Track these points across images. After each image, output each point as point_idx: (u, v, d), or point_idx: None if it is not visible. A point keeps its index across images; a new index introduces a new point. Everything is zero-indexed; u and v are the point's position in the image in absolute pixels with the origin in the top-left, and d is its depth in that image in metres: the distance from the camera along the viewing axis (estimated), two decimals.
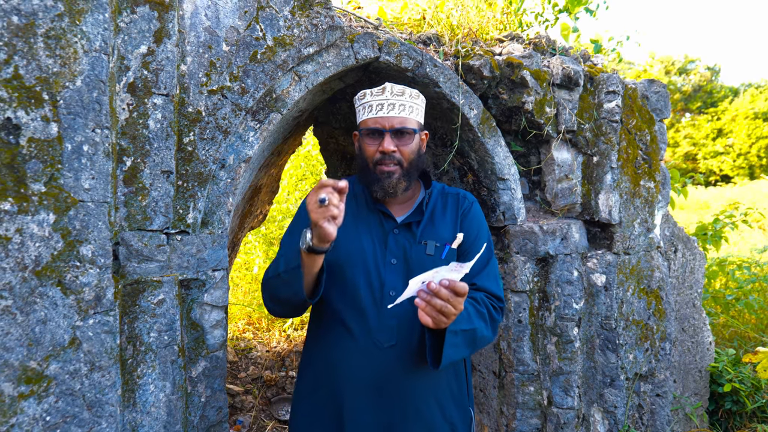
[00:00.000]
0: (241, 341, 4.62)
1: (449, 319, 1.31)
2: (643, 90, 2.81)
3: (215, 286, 1.76)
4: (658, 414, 2.75)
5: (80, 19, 1.45)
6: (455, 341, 1.41)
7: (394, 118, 1.58)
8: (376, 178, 1.59)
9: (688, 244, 3.04)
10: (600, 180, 2.61)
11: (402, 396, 1.52)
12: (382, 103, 1.59)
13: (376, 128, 1.58)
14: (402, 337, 1.53)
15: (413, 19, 2.80)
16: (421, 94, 1.68)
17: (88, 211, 1.48)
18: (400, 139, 1.59)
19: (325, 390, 1.57)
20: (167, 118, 1.64)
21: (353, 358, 1.53)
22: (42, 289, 1.41)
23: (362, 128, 1.63)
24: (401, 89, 1.60)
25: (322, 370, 1.59)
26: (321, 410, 1.57)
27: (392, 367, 1.51)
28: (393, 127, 1.57)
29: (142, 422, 1.61)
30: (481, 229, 1.69)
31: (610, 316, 2.59)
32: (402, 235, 1.61)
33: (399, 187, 1.59)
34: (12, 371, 1.37)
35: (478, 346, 1.52)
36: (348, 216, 1.63)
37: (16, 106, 1.37)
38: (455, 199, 1.72)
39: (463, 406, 1.65)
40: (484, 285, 1.60)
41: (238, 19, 1.77)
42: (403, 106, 1.59)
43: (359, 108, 1.66)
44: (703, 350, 3.11)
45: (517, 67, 2.39)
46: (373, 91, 1.61)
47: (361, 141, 1.64)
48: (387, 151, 1.56)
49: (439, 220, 1.66)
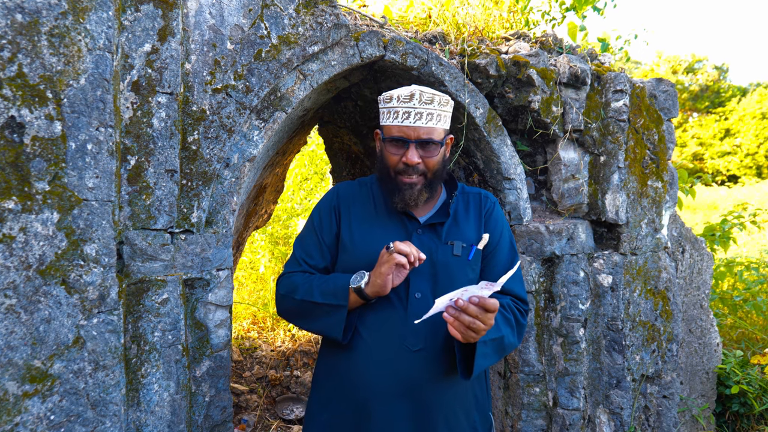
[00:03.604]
0: (245, 340, 4.62)
1: (479, 334, 1.30)
2: (651, 89, 2.78)
3: (219, 285, 1.76)
4: (664, 416, 2.73)
5: (84, 17, 1.45)
6: (485, 351, 1.39)
7: (421, 128, 1.49)
8: (397, 188, 1.53)
9: (695, 244, 3.01)
10: (607, 180, 2.59)
11: (430, 401, 1.49)
12: (409, 111, 1.49)
13: (401, 137, 1.50)
14: (429, 341, 1.49)
15: (419, 18, 2.79)
16: (451, 99, 1.58)
17: (92, 210, 1.48)
18: (425, 150, 1.51)
19: (347, 399, 1.52)
20: (171, 116, 1.64)
21: (380, 363, 1.48)
22: (46, 288, 1.41)
23: (386, 135, 1.56)
24: (430, 97, 1.50)
25: (344, 379, 1.54)
26: (342, 420, 1.52)
27: (420, 371, 1.48)
28: (419, 138, 1.50)
29: (146, 421, 1.61)
30: (504, 230, 1.66)
31: (616, 316, 2.57)
32: (426, 235, 1.56)
33: (420, 199, 1.54)
34: (16, 370, 1.37)
35: (506, 352, 1.50)
36: (367, 217, 1.60)
37: (20, 105, 1.36)
38: (477, 199, 1.68)
39: (485, 411, 1.63)
40: (511, 288, 1.57)
41: (243, 17, 1.76)
42: (431, 116, 1.50)
43: (384, 110, 1.57)
44: (710, 352, 3.08)
45: (524, 65, 2.37)
46: (401, 95, 1.50)
47: (383, 146, 1.57)
48: (411, 164, 1.49)
49: (463, 220, 1.62)
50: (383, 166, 1.57)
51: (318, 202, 1.71)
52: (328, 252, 1.62)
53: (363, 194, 1.67)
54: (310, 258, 1.62)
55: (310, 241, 1.64)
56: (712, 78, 29.67)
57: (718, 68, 30.74)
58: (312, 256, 1.62)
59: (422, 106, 1.49)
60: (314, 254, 1.62)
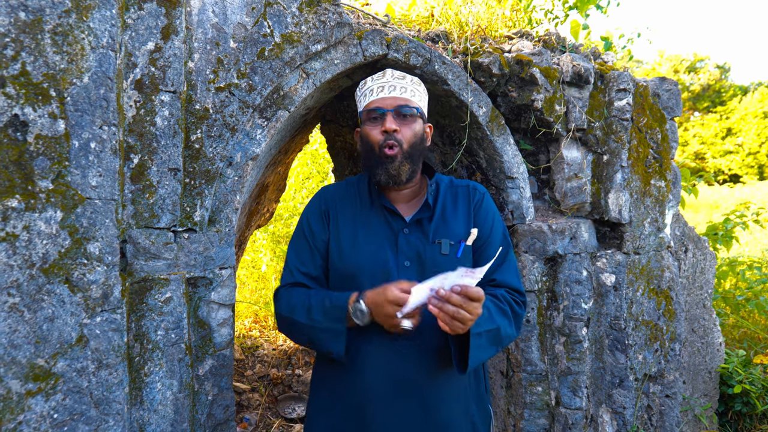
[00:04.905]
0: (247, 339, 4.62)
1: (466, 324, 1.28)
2: (655, 88, 2.78)
3: (222, 284, 1.75)
4: (667, 415, 2.72)
5: (87, 16, 1.44)
6: (480, 343, 1.37)
7: (397, 98, 1.54)
8: (380, 162, 1.53)
9: (698, 244, 3.00)
10: (610, 179, 2.58)
11: (427, 399, 1.48)
12: (383, 86, 1.56)
13: (377, 108, 1.54)
14: (423, 341, 1.49)
15: (422, 16, 2.78)
16: (422, 83, 1.64)
17: (96, 208, 1.48)
18: (402, 120, 1.54)
19: (345, 404, 1.52)
20: (174, 115, 1.63)
21: (375, 365, 1.49)
22: (49, 286, 1.41)
23: (363, 113, 1.59)
24: (402, 74, 1.58)
25: (340, 383, 1.54)
26: (342, 425, 1.52)
27: (415, 370, 1.48)
28: (395, 106, 1.53)
29: (150, 420, 1.61)
30: (496, 222, 1.63)
31: (619, 316, 2.57)
32: (413, 234, 1.55)
33: (402, 170, 1.53)
34: (20, 368, 1.37)
35: (504, 344, 1.48)
36: (353, 219, 1.59)
37: (23, 103, 1.36)
38: (465, 191, 1.66)
39: (484, 404, 1.62)
40: (504, 280, 1.55)
41: (246, 16, 1.76)
42: (405, 89, 1.56)
43: (361, 97, 1.62)
44: (713, 351, 3.07)
45: (527, 64, 2.36)
46: (374, 76, 1.59)
47: (363, 127, 1.59)
48: (389, 131, 1.51)
49: (451, 215, 1.60)
50: (366, 146, 1.58)
51: (306, 207, 1.70)
52: (320, 258, 1.61)
53: (350, 194, 1.66)
54: (303, 266, 1.60)
55: (301, 248, 1.62)
56: (713, 77, 29.64)
57: (720, 67, 30.71)
58: (305, 264, 1.60)
59: (395, 80, 1.57)
60: (307, 262, 1.60)
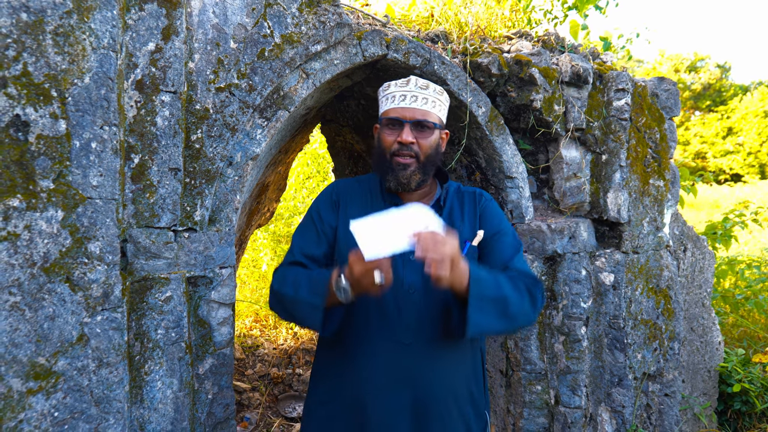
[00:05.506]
0: (248, 338, 4.63)
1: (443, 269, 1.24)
2: (653, 88, 2.78)
3: (222, 283, 1.76)
4: (666, 414, 2.73)
5: (88, 16, 1.45)
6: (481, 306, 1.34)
7: (416, 110, 1.55)
8: (391, 168, 1.56)
9: (697, 243, 3.01)
10: (609, 178, 2.59)
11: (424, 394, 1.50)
12: (405, 94, 1.56)
13: (396, 118, 1.55)
14: (423, 334, 1.51)
15: (421, 17, 2.79)
16: (445, 92, 1.65)
17: (96, 208, 1.49)
18: (419, 131, 1.56)
19: (343, 395, 1.54)
20: (175, 115, 1.64)
21: (375, 358, 1.51)
22: (50, 285, 1.42)
23: (383, 118, 1.61)
24: (426, 83, 1.58)
25: (340, 375, 1.56)
26: (339, 415, 1.54)
27: (413, 364, 1.50)
28: (414, 119, 1.55)
29: (150, 418, 1.62)
30: (503, 223, 1.66)
31: (618, 315, 2.57)
32: None
33: (413, 179, 1.56)
34: (20, 367, 1.38)
35: (517, 322, 1.44)
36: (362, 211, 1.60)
37: (24, 103, 1.37)
38: (472, 197, 1.70)
39: (480, 409, 1.63)
40: (521, 268, 1.56)
41: (246, 16, 1.77)
42: (426, 100, 1.57)
43: (382, 99, 1.63)
44: (712, 350, 3.08)
45: (526, 64, 2.37)
46: (398, 82, 1.59)
47: (380, 131, 1.62)
48: (405, 142, 1.53)
49: (458, 218, 1.63)
50: (379, 150, 1.61)
51: (317, 197, 1.72)
52: (326, 242, 1.63)
53: (362, 189, 1.69)
54: (306, 247, 1.62)
55: (307, 230, 1.65)
56: (714, 76, 29.62)
57: (721, 66, 30.68)
58: (308, 245, 1.62)
59: (417, 89, 1.57)
60: (311, 244, 1.62)
